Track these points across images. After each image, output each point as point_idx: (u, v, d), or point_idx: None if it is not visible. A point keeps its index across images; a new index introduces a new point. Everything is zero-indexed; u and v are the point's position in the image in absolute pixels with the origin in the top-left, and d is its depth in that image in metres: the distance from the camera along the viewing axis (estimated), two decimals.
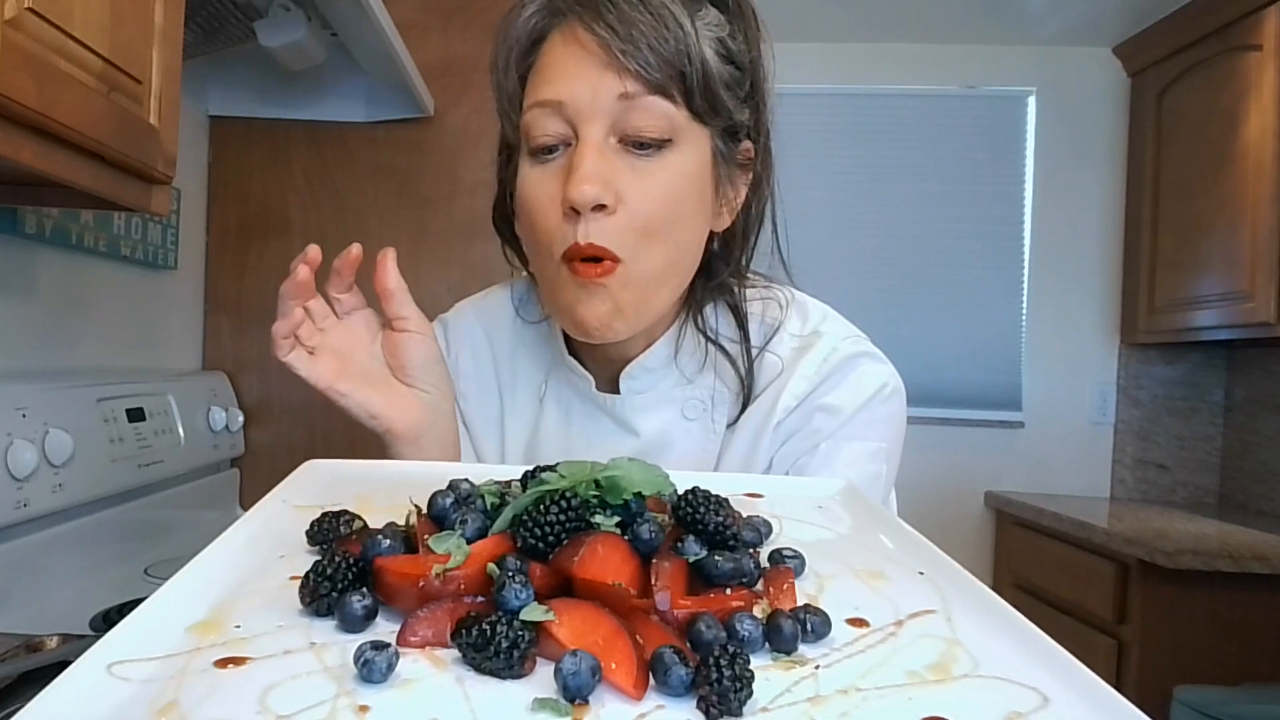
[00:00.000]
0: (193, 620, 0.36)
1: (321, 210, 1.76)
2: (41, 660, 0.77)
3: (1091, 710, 0.31)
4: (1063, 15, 2.80)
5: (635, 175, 0.63)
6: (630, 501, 0.42)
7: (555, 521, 0.39)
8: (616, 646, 0.33)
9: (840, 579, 0.43)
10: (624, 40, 0.60)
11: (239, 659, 0.33)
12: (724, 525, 0.42)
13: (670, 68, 0.61)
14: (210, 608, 0.37)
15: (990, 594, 0.40)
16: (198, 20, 1.27)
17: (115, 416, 1.24)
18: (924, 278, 3.03)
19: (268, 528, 0.47)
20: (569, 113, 0.63)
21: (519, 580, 0.35)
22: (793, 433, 0.72)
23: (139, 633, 0.34)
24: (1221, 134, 2.52)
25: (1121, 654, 2.26)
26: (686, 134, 0.64)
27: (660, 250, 0.65)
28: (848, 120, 3.07)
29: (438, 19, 1.73)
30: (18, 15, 0.61)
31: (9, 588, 1.04)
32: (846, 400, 0.71)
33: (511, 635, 0.32)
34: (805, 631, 0.36)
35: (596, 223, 0.62)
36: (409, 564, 0.38)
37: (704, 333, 0.74)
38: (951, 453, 3.01)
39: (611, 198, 0.62)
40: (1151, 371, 3.02)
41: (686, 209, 0.65)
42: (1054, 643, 0.36)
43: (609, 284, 0.64)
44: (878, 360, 0.74)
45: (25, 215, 1.16)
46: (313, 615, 0.37)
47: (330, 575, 0.37)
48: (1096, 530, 2.38)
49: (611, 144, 0.63)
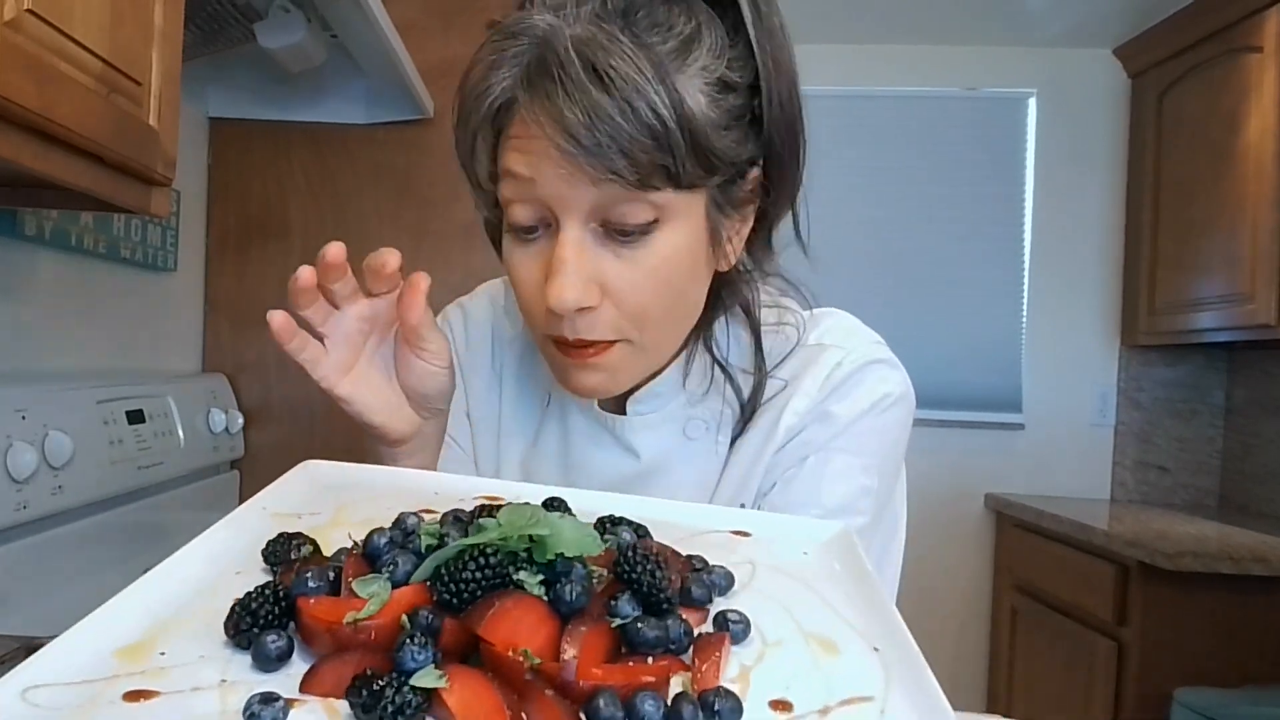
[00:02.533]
0: (124, 642, 0.36)
1: (321, 212, 1.76)
2: None
3: None
4: (1063, 17, 2.80)
5: (621, 265, 0.59)
6: (555, 561, 0.40)
7: (472, 578, 0.38)
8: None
9: (785, 648, 0.40)
10: (590, 153, 0.53)
11: (148, 692, 0.33)
12: (658, 587, 0.40)
13: (650, 165, 0.54)
14: (146, 628, 0.37)
15: (936, 689, 0.37)
16: (197, 22, 1.27)
17: (115, 418, 1.24)
18: (924, 279, 3.03)
19: (237, 538, 0.47)
20: (543, 194, 0.58)
21: (419, 641, 0.34)
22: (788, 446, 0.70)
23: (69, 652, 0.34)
24: (1222, 135, 2.52)
25: (1122, 656, 2.26)
26: (675, 209, 0.58)
27: (656, 323, 0.62)
28: (848, 121, 3.07)
29: (438, 20, 1.73)
30: (17, 17, 0.61)
31: (9, 590, 1.03)
32: (843, 413, 0.68)
33: (399, 701, 0.32)
34: (711, 714, 0.34)
35: (584, 319, 0.59)
36: (328, 607, 0.38)
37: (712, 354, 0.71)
38: (951, 455, 3.01)
39: (595, 297, 0.59)
40: (1152, 373, 3.01)
41: (683, 281, 0.62)
42: None
43: (603, 361, 0.62)
44: (884, 367, 0.70)
45: (25, 217, 1.16)
46: (235, 648, 0.37)
47: (253, 610, 0.37)
48: (1097, 532, 2.38)
49: (593, 230, 0.58)
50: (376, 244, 1.90)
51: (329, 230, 1.75)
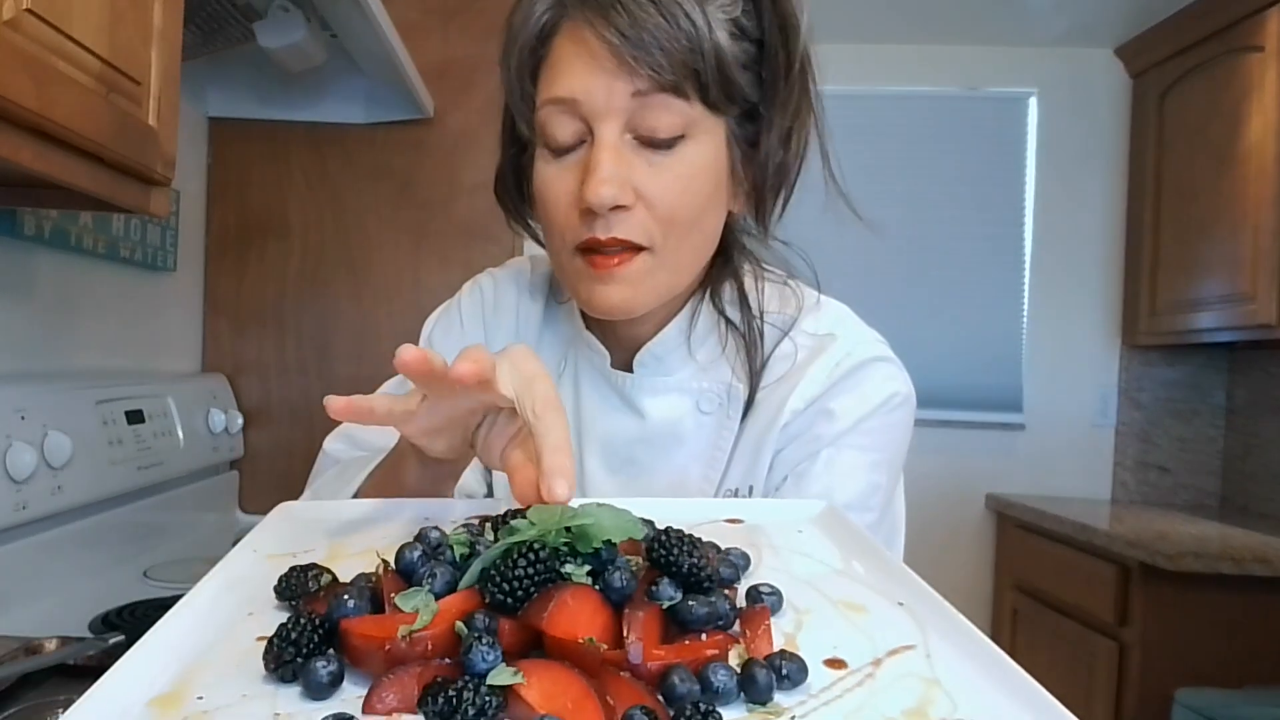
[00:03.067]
0: (154, 693, 0.35)
1: (321, 211, 1.76)
2: (41, 663, 0.77)
3: None
4: (1064, 16, 2.80)
5: (653, 171, 0.63)
6: (600, 549, 0.41)
7: (524, 575, 0.38)
8: (586, 709, 0.32)
9: (818, 614, 0.43)
10: (634, 45, 0.59)
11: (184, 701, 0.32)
12: (698, 566, 0.41)
13: (683, 67, 0.60)
14: (174, 677, 0.36)
15: (969, 626, 0.40)
16: (197, 21, 1.26)
17: (114, 419, 1.24)
18: (925, 279, 3.03)
19: (238, 582, 0.46)
20: (583, 110, 0.62)
21: (486, 642, 0.34)
22: (796, 436, 0.71)
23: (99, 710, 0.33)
24: (1223, 135, 2.52)
25: (1123, 656, 2.26)
26: (701, 126, 0.63)
27: (687, 240, 0.66)
28: (849, 121, 3.07)
29: (438, 20, 1.72)
30: (16, 16, 0.61)
31: (8, 590, 1.03)
32: (852, 407, 0.70)
33: (479, 702, 0.31)
34: (781, 679, 0.35)
35: (617, 218, 0.63)
36: (375, 625, 0.37)
37: (719, 310, 0.73)
38: (952, 455, 3.01)
39: (630, 197, 0.62)
40: (1153, 373, 3.01)
41: (705, 198, 0.65)
42: (1033, 680, 0.35)
43: (625, 271, 0.64)
44: (890, 366, 0.72)
45: (24, 217, 1.16)
46: (278, 681, 0.36)
47: (294, 640, 0.36)
48: (1098, 533, 2.38)
49: (627, 140, 0.63)
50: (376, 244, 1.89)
51: (329, 229, 1.75)
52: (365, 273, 1.76)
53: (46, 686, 0.76)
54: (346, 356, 1.75)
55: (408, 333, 1.90)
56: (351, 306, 1.75)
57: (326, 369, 1.75)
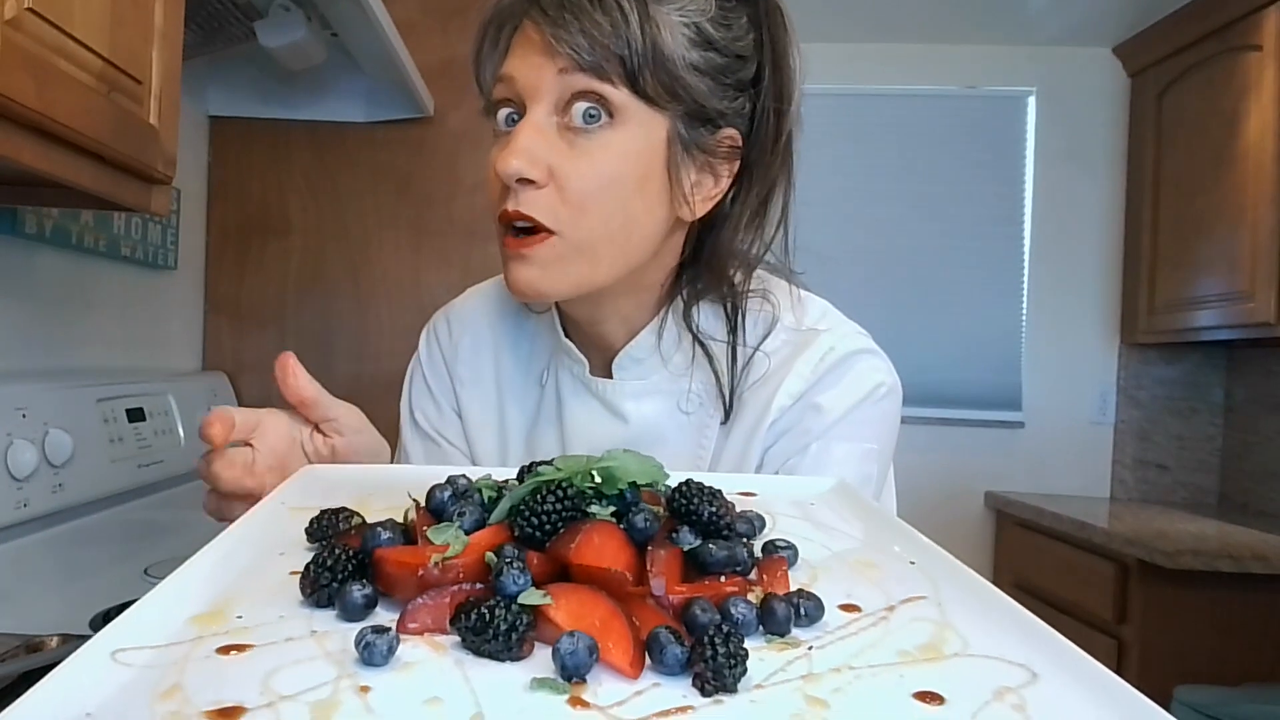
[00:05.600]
0: (194, 612, 0.36)
1: (321, 210, 1.76)
2: (41, 660, 0.77)
3: (1079, 684, 0.32)
4: (1063, 15, 2.80)
5: (572, 153, 0.64)
6: (625, 491, 0.43)
7: (552, 511, 0.39)
8: (613, 628, 0.34)
9: (833, 569, 0.44)
10: (556, 24, 0.62)
11: (241, 645, 0.33)
12: (718, 515, 0.43)
13: (605, 50, 0.62)
14: (211, 600, 0.37)
15: (980, 580, 0.41)
16: (198, 20, 1.27)
17: (115, 417, 1.24)
18: (924, 278, 3.03)
19: (266, 528, 0.47)
20: (518, 88, 0.65)
21: (516, 567, 0.36)
22: (785, 431, 0.71)
23: (141, 623, 0.34)
24: (1221, 134, 2.53)
25: (1121, 654, 2.26)
26: (631, 115, 0.64)
27: (594, 224, 0.65)
28: (847, 120, 3.07)
29: (438, 19, 1.73)
30: (18, 15, 0.61)
31: (9, 588, 1.03)
32: (840, 400, 0.71)
33: (510, 619, 0.33)
34: (798, 615, 0.37)
35: (525, 194, 0.64)
36: (408, 554, 0.39)
37: (688, 326, 0.73)
38: (951, 453, 3.01)
39: (540, 173, 0.64)
40: (1151, 372, 3.02)
41: (628, 189, 0.65)
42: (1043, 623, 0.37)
43: (534, 254, 0.66)
44: (875, 357, 0.73)
45: (25, 215, 1.16)
46: (313, 606, 0.37)
47: (330, 566, 0.38)
48: (1096, 530, 2.38)
49: (554, 122, 0.64)
50: (376, 243, 1.89)
51: (328, 228, 1.75)
52: (365, 272, 1.76)
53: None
54: (346, 355, 1.75)
55: (408, 331, 1.90)
56: (351, 305, 1.75)
57: (326, 367, 1.75)
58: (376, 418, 0.70)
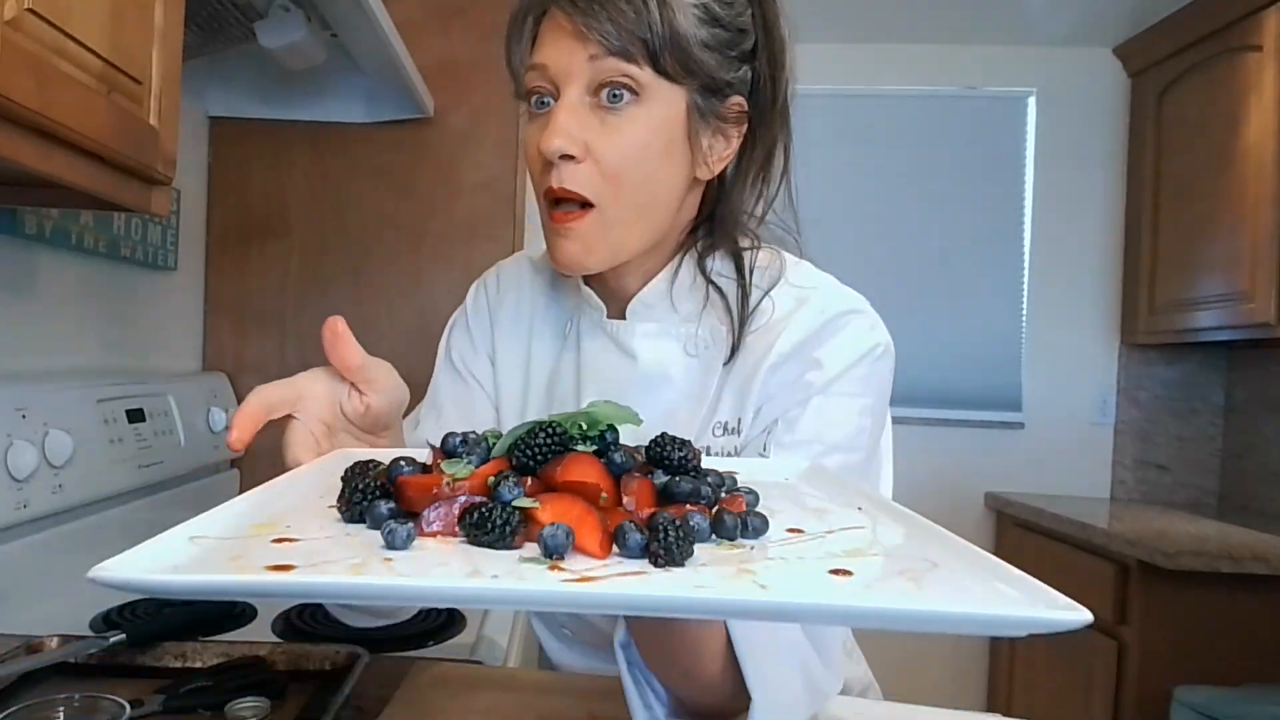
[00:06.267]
0: (251, 522, 0.44)
1: (321, 211, 1.76)
2: (42, 661, 0.77)
3: (971, 569, 0.38)
4: (1063, 16, 2.80)
5: (605, 129, 0.71)
6: (605, 433, 0.50)
7: (543, 445, 0.48)
8: (587, 521, 0.42)
9: (787, 510, 0.51)
10: (586, 15, 0.69)
11: (291, 538, 0.42)
12: (686, 459, 0.50)
13: (630, 35, 0.69)
14: (262, 519, 0.45)
15: (922, 520, 0.46)
16: (198, 21, 1.27)
17: (115, 417, 1.24)
18: (924, 278, 3.03)
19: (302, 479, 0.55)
20: (552, 74, 0.72)
21: (512, 480, 0.45)
22: (784, 384, 0.77)
23: (209, 521, 0.43)
24: (1222, 135, 2.53)
25: (1122, 655, 2.26)
26: (655, 91, 0.71)
27: (631, 194, 0.73)
28: (848, 121, 3.07)
29: (438, 19, 1.73)
30: (17, 16, 0.61)
31: (9, 588, 1.03)
32: (839, 355, 0.76)
33: (504, 515, 0.41)
34: (745, 528, 0.44)
35: (567, 169, 0.71)
36: (426, 479, 0.47)
37: (703, 271, 0.80)
38: (951, 454, 3.01)
39: (579, 149, 0.71)
40: (1151, 372, 3.02)
41: (655, 157, 0.73)
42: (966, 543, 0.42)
43: (578, 228, 0.73)
44: (872, 318, 0.79)
45: (25, 216, 1.16)
46: (348, 522, 0.46)
47: (361, 489, 0.46)
48: (1097, 531, 2.38)
49: (586, 101, 0.72)
50: (376, 243, 1.89)
51: (329, 229, 1.75)
52: (365, 272, 1.76)
53: (47, 685, 0.76)
54: None
55: (408, 331, 1.90)
56: (351, 306, 1.75)
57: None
58: None
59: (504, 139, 1.74)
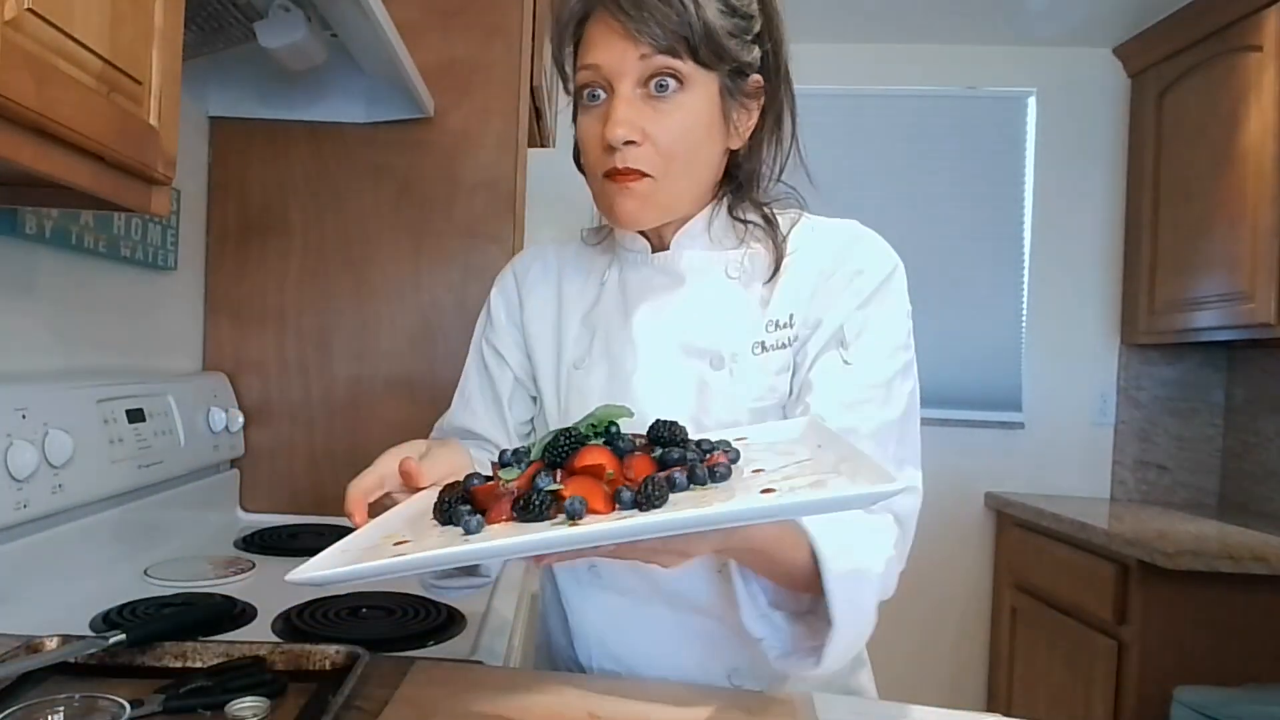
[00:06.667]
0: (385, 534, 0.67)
1: (321, 211, 1.76)
2: (42, 661, 0.77)
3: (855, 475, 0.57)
4: (1063, 16, 2.80)
5: (657, 115, 0.83)
6: (609, 427, 0.68)
7: (565, 444, 0.65)
8: (596, 492, 0.61)
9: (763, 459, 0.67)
10: (637, 21, 0.81)
11: (405, 541, 0.64)
12: (679, 434, 0.68)
13: (675, 35, 0.81)
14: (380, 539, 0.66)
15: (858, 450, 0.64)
16: (198, 21, 1.27)
17: (115, 417, 1.24)
18: (924, 278, 3.03)
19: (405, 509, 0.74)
20: (605, 73, 0.84)
21: (546, 474, 0.63)
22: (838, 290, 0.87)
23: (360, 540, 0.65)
24: (1222, 135, 2.53)
25: (1122, 655, 2.26)
26: (695, 79, 0.83)
27: (683, 169, 0.86)
28: (848, 120, 3.07)
29: (438, 19, 1.72)
30: (18, 16, 0.61)
31: (9, 588, 1.03)
32: (876, 265, 0.88)
33: (540, 499, 0.61)
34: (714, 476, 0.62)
35: (629, 152, 0.83)
36: (488, 486, 0.66)
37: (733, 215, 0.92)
38: (952, 454, 3.01)
39: (639, 135, 0.83)
40: (1152, 372, 3.02)
41: (700, 135, 0.85)
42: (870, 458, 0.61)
43: (638, 188, 0.85)
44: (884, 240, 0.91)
45: (25, 216, 1.16)
46: (442, 525, 0.66)
47: (448, 500, 0.66)
48: (1097, 531, 2.38)
49: (638, 93, 0.83)
50: (376, 243, 1.90)
51: (329, 229, 1.75)
52: (365, 272, 1.76)
53: (47, 684, 0.76)
54: (346, 356, 1.75)
55: (408, 331, 1.89)
56: (351, 306, 1.75)
57: (327, 368, 1.75)
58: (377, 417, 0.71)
59: (504, 139, 1.74)
